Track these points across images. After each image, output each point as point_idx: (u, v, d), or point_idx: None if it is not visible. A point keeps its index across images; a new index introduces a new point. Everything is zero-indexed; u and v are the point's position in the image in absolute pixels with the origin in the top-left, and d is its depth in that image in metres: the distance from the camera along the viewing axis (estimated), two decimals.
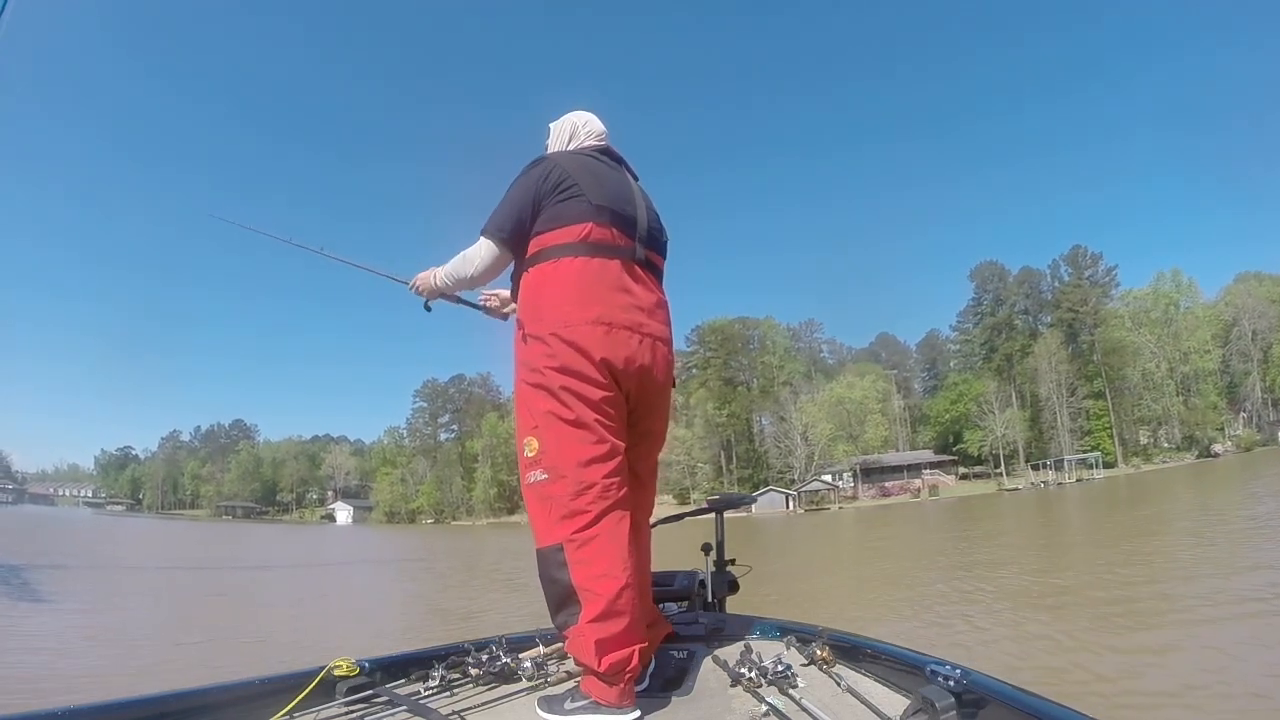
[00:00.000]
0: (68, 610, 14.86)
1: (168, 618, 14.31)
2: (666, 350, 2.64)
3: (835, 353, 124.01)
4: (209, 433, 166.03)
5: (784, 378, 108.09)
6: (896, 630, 9.94)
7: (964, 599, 12.18)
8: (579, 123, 2.89)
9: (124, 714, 1.85)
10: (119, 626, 13.03)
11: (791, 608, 12.03)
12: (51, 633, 12.23)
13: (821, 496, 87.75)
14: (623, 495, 2.41)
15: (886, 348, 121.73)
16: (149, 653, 10.98)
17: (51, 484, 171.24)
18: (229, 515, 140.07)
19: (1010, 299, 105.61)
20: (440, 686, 2.45)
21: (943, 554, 19.18)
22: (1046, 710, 1.65)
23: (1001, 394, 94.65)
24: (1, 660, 9.82)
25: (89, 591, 18.71)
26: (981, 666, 1.90)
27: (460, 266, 2.64)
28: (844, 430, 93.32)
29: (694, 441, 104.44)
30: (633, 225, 2.62)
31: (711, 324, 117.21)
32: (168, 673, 9.23)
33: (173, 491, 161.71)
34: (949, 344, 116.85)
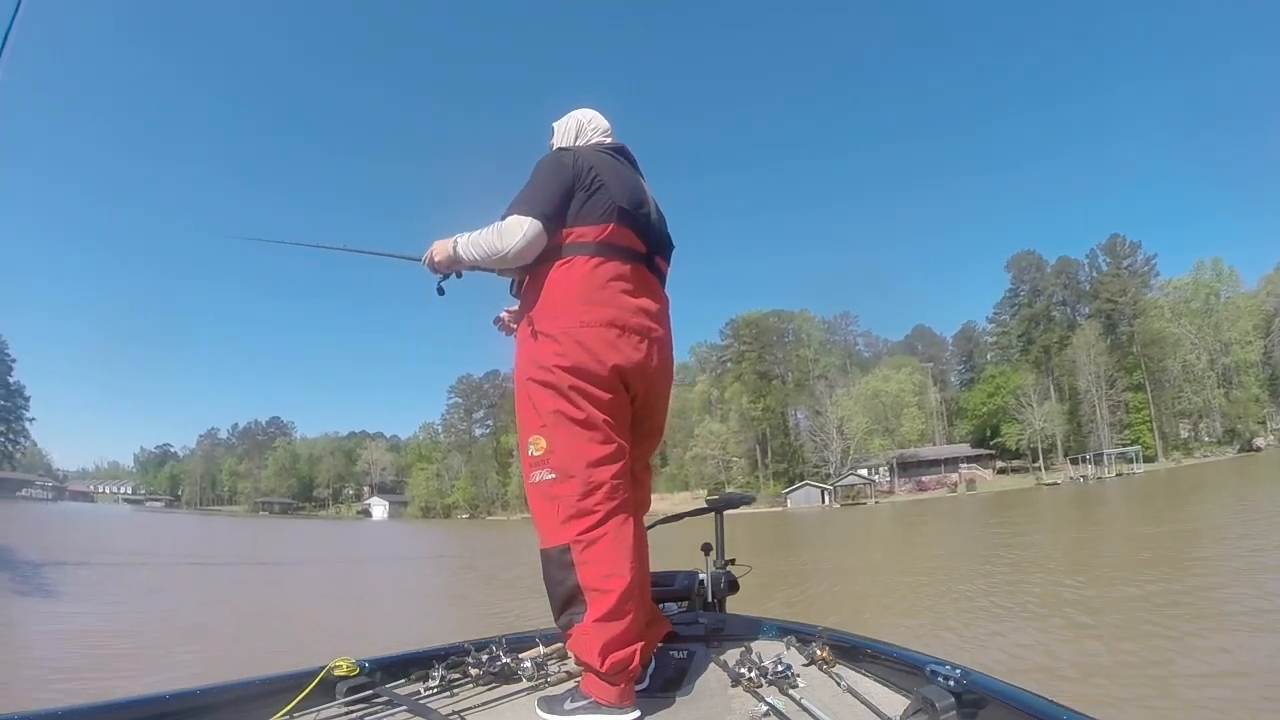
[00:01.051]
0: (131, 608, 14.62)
1: (215, 613, 14.40)
2: (670, 354, 2.73)
3: (871, 346, 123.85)
4: (246, 430, 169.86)
5: (819, 371, 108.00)
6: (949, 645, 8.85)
7: (1019, 615, 10.55)
8: (584, 120, 2.95)
9: (124, 714, 1.92)
10: (200, 622, 13.06)
11: (824, 613, 11.89)
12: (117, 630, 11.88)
13: (857, 491, 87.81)
14: (628, 496, 2.47)
15: (922, 340, 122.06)
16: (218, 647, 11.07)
17: (91, 481, 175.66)
18: (266, 511, 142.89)
19: (1048, 289, 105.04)
20: (440, 686, 2.50)
21: (983, 556, 18.21)
22: (1046, 710, 1.68)
23: (1039, 386, 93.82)
24: (89, 652, 9.89)
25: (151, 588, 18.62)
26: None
27: (492, 239, 2.50)
28: (880, 424, 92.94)
29: (729, 436, 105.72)
30: (648, 229, 2.69)
31: (746, 317, 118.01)
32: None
33: (211, 488, 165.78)
34: (985, 336, 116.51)
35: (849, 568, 18.75)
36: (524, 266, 2.57)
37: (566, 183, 2.50)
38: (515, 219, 2.44)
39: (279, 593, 18.82)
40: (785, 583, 15.57)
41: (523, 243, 2.43)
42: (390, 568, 28.74)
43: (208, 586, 19.23)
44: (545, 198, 2.47)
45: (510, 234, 2.43)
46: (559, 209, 2.48)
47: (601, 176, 2.54)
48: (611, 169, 2.62)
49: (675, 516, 4.50)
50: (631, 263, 2.55)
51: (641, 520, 2.65)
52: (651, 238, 2.69)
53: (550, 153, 2.70)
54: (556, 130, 2.95)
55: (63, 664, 9.00)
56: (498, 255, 2.49)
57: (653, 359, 2.55)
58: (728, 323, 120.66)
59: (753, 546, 28.06)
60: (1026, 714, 1.68)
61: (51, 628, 11.75)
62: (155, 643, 10.30)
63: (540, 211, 2.44)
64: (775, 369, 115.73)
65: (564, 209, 2.48)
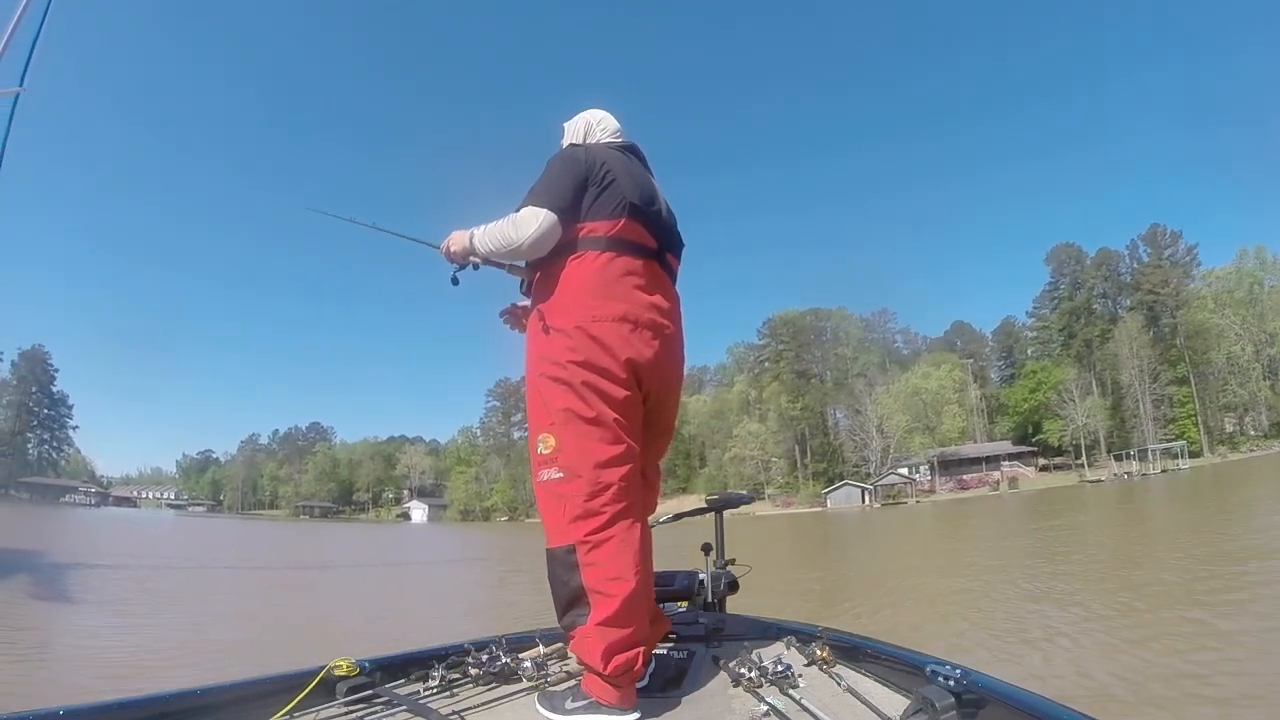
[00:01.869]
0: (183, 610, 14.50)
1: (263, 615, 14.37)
2: (682, 352, 2.75)
3: (909, 343, 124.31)
4: (287, 436, 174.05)
5: (858, 369, 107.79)
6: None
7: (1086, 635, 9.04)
8: (593, 120, 2.96)
9: (124, 714, 1.93)
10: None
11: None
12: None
13: (898, 490, 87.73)
14: (636, 497, 2.46)
15: (961, 336, 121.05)
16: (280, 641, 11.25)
17: (135, 487, 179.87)
18: (306, 515, 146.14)
19: (1088, 282, 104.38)
20: (440, 686, 2.50)
21: (1035, 560, 16.54)
22: (1046, 710, 1.70)
23: (1081, 381, 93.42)
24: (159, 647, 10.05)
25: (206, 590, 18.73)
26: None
27: (507, 231, 2.51)
28: (920, 422, 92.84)
29: (767, 436, 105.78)
30: (659, 225, 2.70)
31: (783, 316, 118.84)
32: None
33: (252, 493, 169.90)
34: (1026, 331, 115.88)
35: (894, 578, 16.58)
36: (535, 262, 2.60)
37: (579, 177, 2.54)
38: (530, 210, 2.47)
39: (314, 600, 17.87)
40: (821, 597, 14.22)
41: (537, 234, 2.45)
42: (434, 571, 27.88)
43: (237, 593, 18.54)
44: (559, 190, 2.51)
45: (525, 225, 2.46)
46: (572, 202, 2.51)
47: (614, 172, 2.59)
48: (623, 165, 2.67)
49: (675, 516, 4.63)
50: (643, 258, 2.59)
51: (647, 523, 2.69)
52: (662, 234, 2.73)
53: (564, 148, 2.76)
54: (567, 130, 3.02)
55: (60, 678, 8.56)
56: (512, 246, 2.52)
57: (665, 355, 2.59)
58: (765, 322, 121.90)
59: (788, 552, 28.04)
60: (1026, 714, 1.71)
61: (55, 637, 11.30)
62: (167, 657, 9.65)
63: (554, 204, 2.47)
64: (814, 368, 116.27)
65: (577, 203, 2.52)
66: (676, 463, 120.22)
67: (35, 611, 13.03)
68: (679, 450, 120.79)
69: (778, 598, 13.18)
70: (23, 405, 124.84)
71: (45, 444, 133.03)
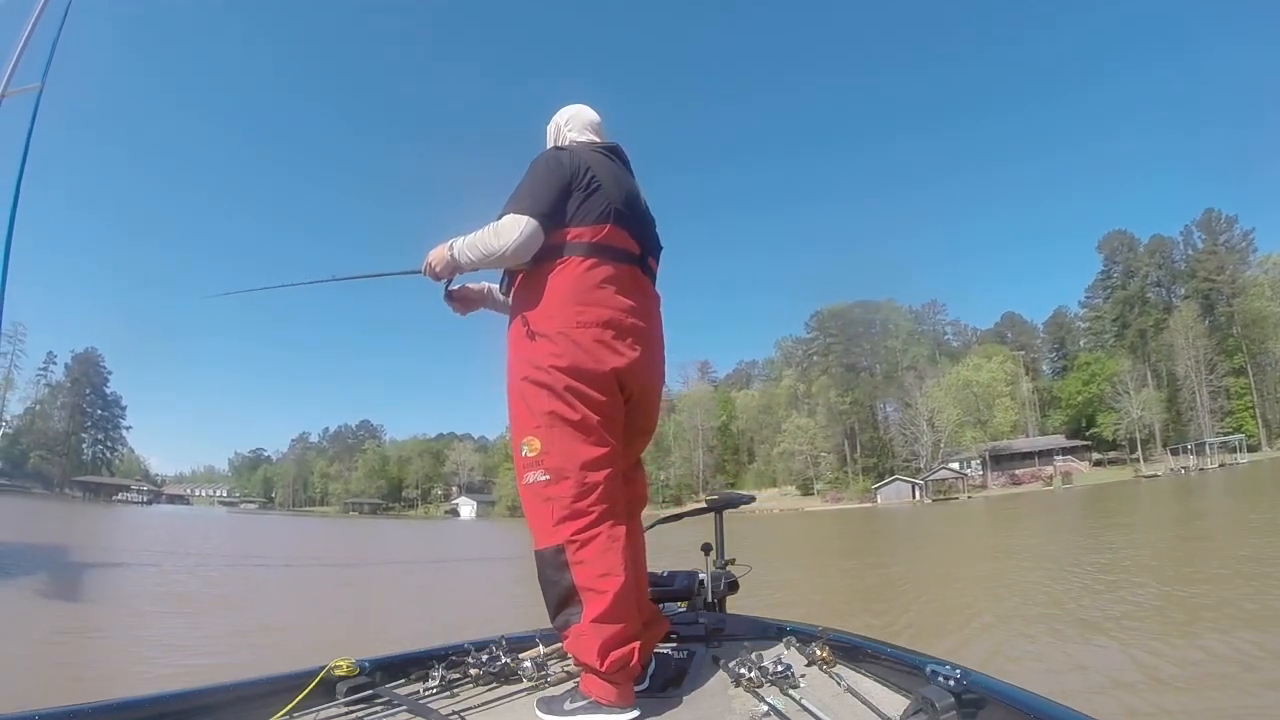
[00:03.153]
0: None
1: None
2: (663, 354, 2.81)
3: (959, 335, 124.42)
4: (337, 434, 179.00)
5: (908, 362, 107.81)
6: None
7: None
8: (574, 116, 3.00)
9: (124, 714, 1.94)
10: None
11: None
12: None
13: (949, 485, 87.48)
14: (622, 496, 2.53)
15: (1012, 327, 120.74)
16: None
17: (188, 485, 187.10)
18: (355, 512, 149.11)
19: (1141, 270, 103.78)
20: (440, 687, 2.52)
21: (1107, 568, 14.04)
22: (1046, 710, 1.71)
23: (1136, 373, 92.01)
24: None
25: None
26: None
27: (489, 240, 2.52)
28: (971, 415, 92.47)
29: (816, 431, 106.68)
30: (642, 230, 2.74)
31: (831, 309, 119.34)
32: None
33: (303, 490, 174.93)
34: (1078, 321, 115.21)
35: (950, 584, 14.28)
36: (517, 267, 2.60)
37: (563, 182, 2.54)
38: (511, 218, 2.48)
39: (361, 597, 17.06)
40: (870, 608, 12.11)
41: (519, 241, 2.45)
42: (482, 569, 26.28)
43: (262, 593, 17.56)
44: (542, 196, 2.51)
45: (507, 233, 2.46)
46: (555, 208, 2.52)
47: (598, 177, 2.60)
48: (607, 169, 2.68)
49: (675, 516, 4.70)
50: (627, 264, 2.62)
51: (638, 519, 2.79)
52: (645, 238, 2.76)
53: (546, 151, 2.76)
54: (550, 128, 3.05)
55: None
56: (495, 255, 2.52)
57: (647, 359, 2.63)
58: (813, 315, 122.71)
59: (834, 550, 27.47)
60: (1026, 714, 1.73)
61: (31, 638, 10.37)
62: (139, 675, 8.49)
63: (537, 210, 2.48)
64: (863, 361, 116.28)
65: (560, 208, 2.53)
66: (725, 458, 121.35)
67: (65, 607, 13.08)
68: (727, 446, 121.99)
69: (811, 607, 12.58)
70: (76, 407, 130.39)
71: (99, 444, 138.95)
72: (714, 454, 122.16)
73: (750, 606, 3.76)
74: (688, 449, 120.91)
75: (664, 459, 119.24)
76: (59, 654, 9.17)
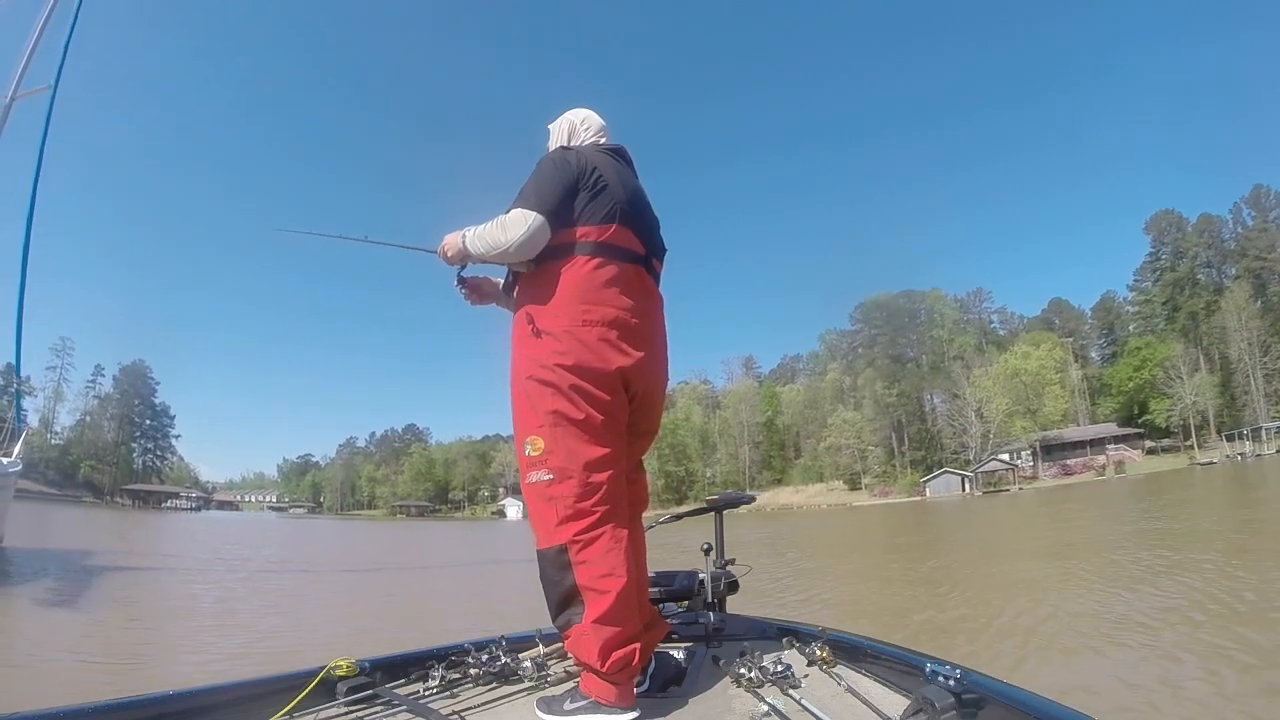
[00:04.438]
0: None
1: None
2: (666, 355, 2.84)
3: (1006, 322, 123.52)
4: (384, 438, 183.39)
5: (954, 352, 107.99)
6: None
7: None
8: (578, 120, 3.03)
9: (124, 714, 1.96)
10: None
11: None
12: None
13: (999, 477, 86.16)
14: (625, 497, 2.57)
15: (1060, 314, 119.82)
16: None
17: (238, 491, 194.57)
18: (403, 514, 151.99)
19: (1190, 250, 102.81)
20: (440, 686, 2.55)
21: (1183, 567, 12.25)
22: (1046, 710, 1.73)
23: (1188, 357, 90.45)
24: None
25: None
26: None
27: (495, 233, 2.56)
28: (1020, 404, 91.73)
29: (863, 424, 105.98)
30: (647, 231, 2.79)
31: (875, 300, 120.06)
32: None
33: (350, 494, 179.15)
34: (1126, 305, 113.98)
35: (1022, 596, 11.29)
36: (523, 264, 2.64)
37: (570, 180, 2.58)
38: (519, 212, 2.52)
39: (411, 600, 16.51)
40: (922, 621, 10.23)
41: (525, 236, 2.49)
42: (531, 570, 24.13)
43: (284, 598, 16.59)
44: (549, 193, 2.54)
45: (514, 227, 2.50)
46: (562, 205, 2.55)
47: (605, 177, 2.64)
48: (613, 169, 2.72)
49: (675, 516, 4.70)
50: (632, 264, 2.66)
51: (639, 520, 2.80)
52: (650, 240, 2.80)
53: (554, 150, 2.80)
54: (552, 132, 3.07)
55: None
56: (500, 249, 2.55)
57: (651, 359, 2.66)
58: (857, 306, 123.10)
59: (881, 547, 26.70)
60: (1026, 713, 1.75)
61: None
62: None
63: (544, 206, 2.51)
64: (908, 352, 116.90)
65: (567, 206, 2.57)
66: (771, 454, 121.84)
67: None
68: (773, 442, 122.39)
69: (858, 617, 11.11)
70: (125, 417, 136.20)
71: (149, 453, 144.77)
72: (760, 450, 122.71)
73: (755, 607, 3.88)
74: (733, 445, 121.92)
75: (710, 455, 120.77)
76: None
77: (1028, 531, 26.91)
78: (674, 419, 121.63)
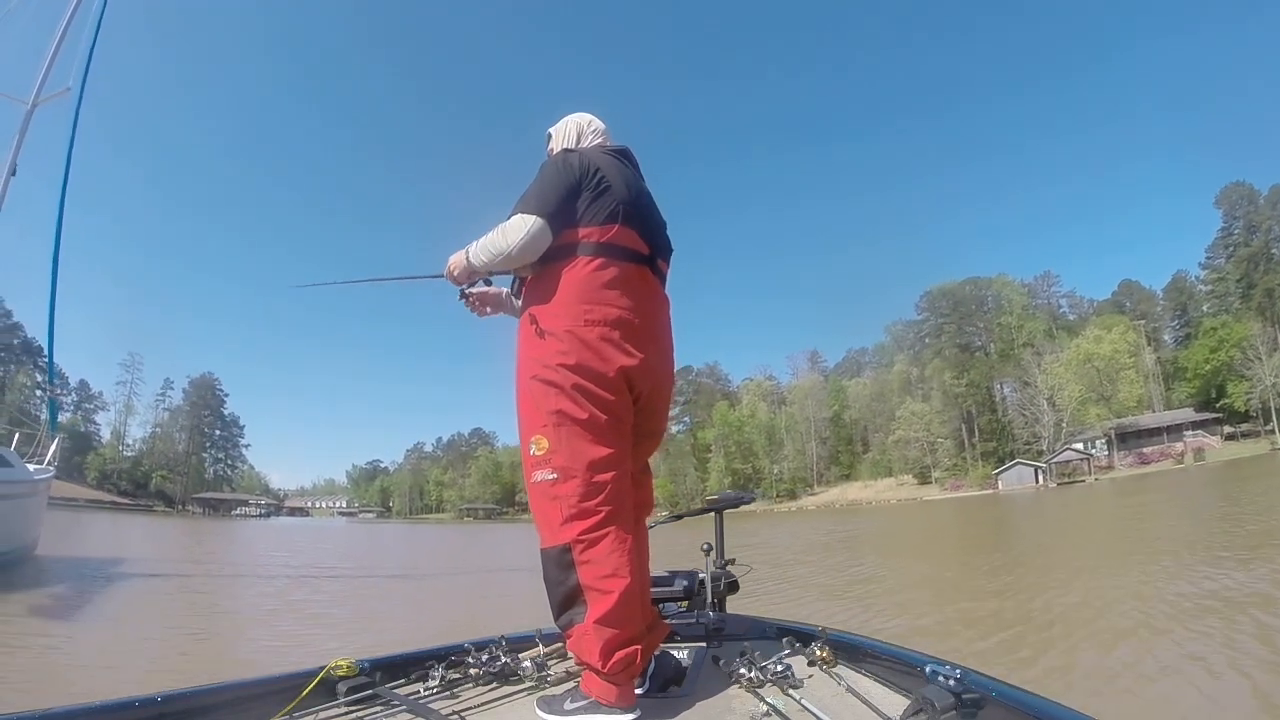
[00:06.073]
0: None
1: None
2: (672, 356, 2.92)
3: (1075, 306, 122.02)
4: (450, 442, 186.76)
5: (1024, 338, 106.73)
6: None
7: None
8: (584, 124, 3.12)
9: (124, 714, 1.98)
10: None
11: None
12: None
13: (1074, 468, 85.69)
14: (630, 497, 2.62)
15: (1130, 295, 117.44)
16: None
17: (309, 498, 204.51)
18: (470, 517, 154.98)
19: (1264, 224, 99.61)
20: (440, 686, 2.60)
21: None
22: (1046, 710, 1.76)
23: (1266, 336, 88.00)
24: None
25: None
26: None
27: (497, 240, 2.65)
28: (1093, 391, 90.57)
29: (932, 416, 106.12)
30: (652, 232, 2.85)
31: (940, 288, 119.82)
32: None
33: (419, 498, 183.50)
34: (1199, 284, 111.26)
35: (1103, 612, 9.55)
36: (528, 266, 2.73)
37: (571, 182, 2.65)
38: (519, 218, 2.61)
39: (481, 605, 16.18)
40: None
41: (525, 239, 2.57)
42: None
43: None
44: (549, 196, 2.63)
45: (514, 232, 2.59)
46: (563, 208, 2.63)
47: (608, 178, 2.71)
48: (617, 170, 2.79)
49: (675, 516, 4.82)
50: (635, 264, 2.72)
51: (643, 522, 2.88)
52: (654, 239, 2.87)
53: (556, 153, 2.88)
54: (555, 135, 3.15)
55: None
56: (503, 255, 2.64)
57: (656, 360, 2.74)
58: (922, 295, 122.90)
59: (950, 546, 25.86)
60: (1026, 714, 1.77)
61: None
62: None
63: (543, 210, 2.59)
64: (976, 340, 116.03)
65: (568, 208, 2.64)
66: (839, 449, 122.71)
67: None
68: (840, 437, 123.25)
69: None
70: (195, 428, 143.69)
71: (220, 462, 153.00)
72: (827, 445, 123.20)
73: (753, 607, 3.92)
74: (800, 441, 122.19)
75: (776, 452, 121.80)
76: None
77: (1134, 530, 22.67)
78: (739, 416, 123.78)
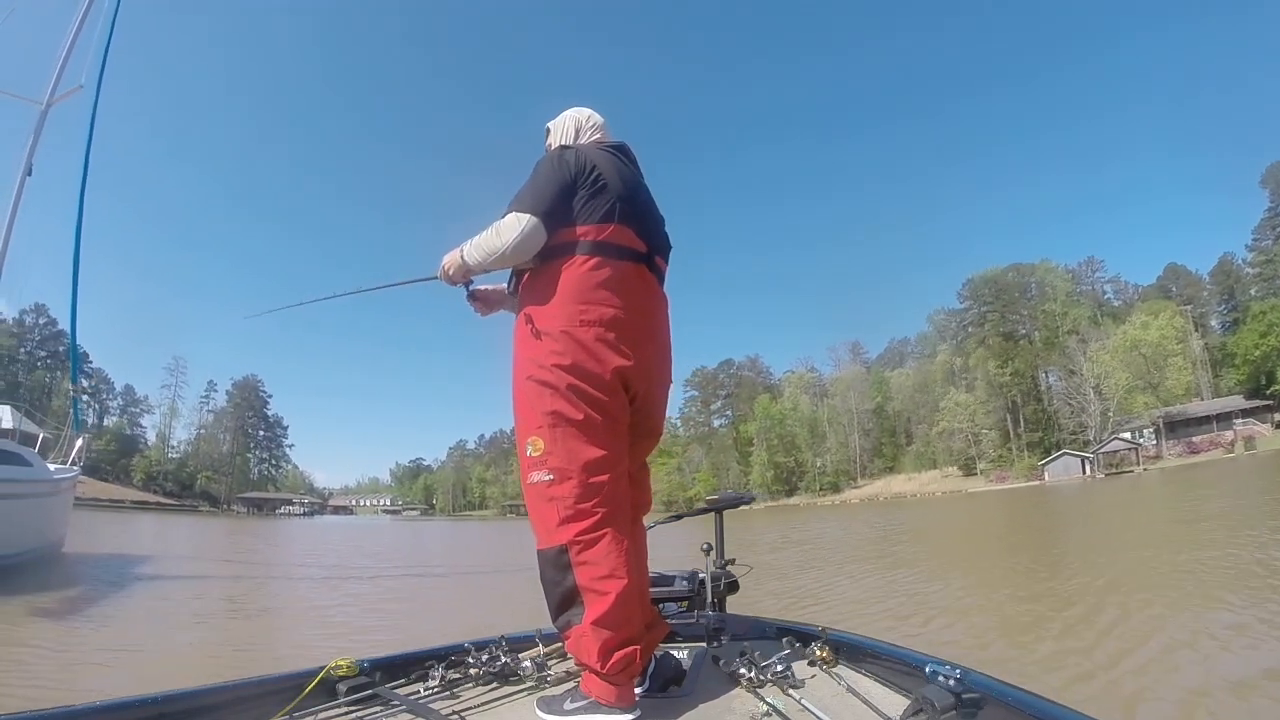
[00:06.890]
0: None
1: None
2: (669, 355, 2.92)
3: (1120, 292, 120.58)
4: (493, 439, 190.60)
5: (1068, 326, 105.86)
6: None
7: None
8: (582, 118, 3.10)
9: (124, 714, 1.99)
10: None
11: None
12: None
13: (1121, 458, 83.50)
14: (627, 498, 2.63)
15: (1176, 280, 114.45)
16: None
17: (354, 496, 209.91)
18: (513, 514, 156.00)
19: None
20: (440, 686, 2.60)
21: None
22: (1046, 710, 1.76)
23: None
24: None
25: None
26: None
27: (490, 239, 2.63)
28: (1141, 379, 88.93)
29: (976, 407, 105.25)
30: (649, 230, 2.84)
31: (983, 275, 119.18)
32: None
33: (462, 495, 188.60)
34: (1247, 267, 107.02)
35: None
36: (521, 265, 2.72)
37: (566, 180, 2.64)
38: (513, 216, 2.59)
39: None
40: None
41: (519, 238, 2.56)
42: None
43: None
44: (543, 194, 2.61)
45: (508, 231, 2.58)
46: (557, 206, 2.61)
47: (604, 175, 2.69)
48: (614, 167, 2.77)
49: (675, 516, 4.85)
50: (632, 262, 2.71)
51: (641, 522, 2.88)
52: (652, 238, 2.85)
53: (552, 150, 2.88)
54: (553, 130, 3.15)
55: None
56: (497, 254, 2.63)
57: (652, 359, 2.75)
58: (964, 283, 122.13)
59: (996, 543, 23.20)
60: (1026, 714, 1.78)
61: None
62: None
63: (537, 208, 2.58)
64: (1020, 328, 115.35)
65: (563, 206, 2.63)
66: (882, 441, 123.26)
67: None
68: (884, 428, 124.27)
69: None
70: (239, 430, 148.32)
71: (264, 462, 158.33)
72: (870, 437, 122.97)
73: (753, 607, 3.96)
74: (843, 434, 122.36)
75: (819, 445, 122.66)
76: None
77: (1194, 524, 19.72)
78: (782, 409, 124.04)
